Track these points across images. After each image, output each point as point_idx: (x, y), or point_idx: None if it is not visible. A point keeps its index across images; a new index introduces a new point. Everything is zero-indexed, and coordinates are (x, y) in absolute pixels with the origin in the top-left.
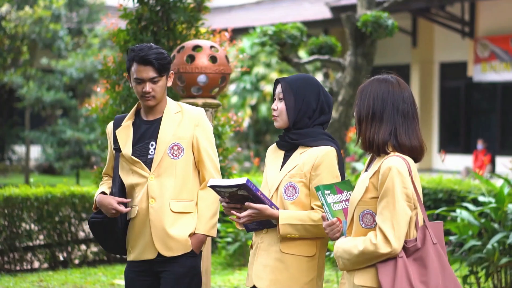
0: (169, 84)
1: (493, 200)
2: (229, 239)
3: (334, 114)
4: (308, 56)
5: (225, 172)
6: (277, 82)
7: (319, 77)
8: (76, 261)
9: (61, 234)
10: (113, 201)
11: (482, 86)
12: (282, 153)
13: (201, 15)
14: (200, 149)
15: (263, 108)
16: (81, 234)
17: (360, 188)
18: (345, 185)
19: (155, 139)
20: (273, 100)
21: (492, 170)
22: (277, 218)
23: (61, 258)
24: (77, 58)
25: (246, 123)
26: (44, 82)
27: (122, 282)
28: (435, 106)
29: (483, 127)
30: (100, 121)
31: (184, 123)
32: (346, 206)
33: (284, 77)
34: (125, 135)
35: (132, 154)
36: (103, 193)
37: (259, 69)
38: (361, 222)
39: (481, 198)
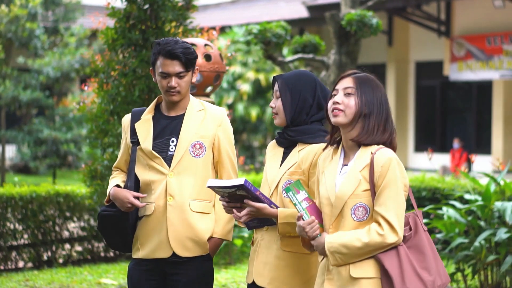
0: (194, 80)
1: (479, 198)
2: None
3: None
4: (291, 55)
5: None
6: (274, 79)
7: None
8: (61, 260)
9: (46, 233)
10: (129, 195)
11: (458, 85)
12: (281, 150)
13: (189, 13)
14: (221, 149)
15: (240, 107)
16: (66, 233)
17: (351, 182)
18: (299, 184)
19: (176, 135)
20: (272, 98)
21: (469, 169)
22: (276, 217)
23: (46, 258)
24: (54, 57)
25: None
26: (21, 81)
27: (109, 281)
28: (411, 105)
29: (459, 126)
30: (88, 120)
31: (207, 122)
32: (308, 205)
33: (281, 74)
34: (145, 129)
35: (152, 149)
36: (118, 186)
37: (236, 68)
38: (353, 216)
39: (467, 196)
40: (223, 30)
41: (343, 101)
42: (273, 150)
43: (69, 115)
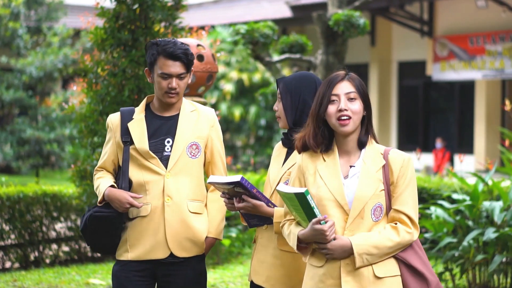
0: (189, 81)
1: (467, 197)
2: None
3: None
4: (277, 55)
5: None
6: (277, 82)
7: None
8: (48, 261)
9: (33, 234)
10: (128, 195)
11: (440, 85)
12: (285, 150)
13: (179, 13)
14: (214, 150)
15: (223, 107)
16: (53, 234)
17: (371, 183)
18: None
19: (171, 136)
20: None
21: (451, 168)
22: (272, 216)
23: (33, 258)
24: (37, 56)
25: None
26: (3, 81)
27: (97, 281)
28: (393, 105)
29: (441, 126)
30: (77, 120)
31: (200, 122)
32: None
33: (282, 77)
34: (139, 129)
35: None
36: (112, 186)
37: (219, 68)
38: (373, 216)
39: (455, 196)
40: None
41: (349, 107)
42: (278, 150)
43: (52, 115)
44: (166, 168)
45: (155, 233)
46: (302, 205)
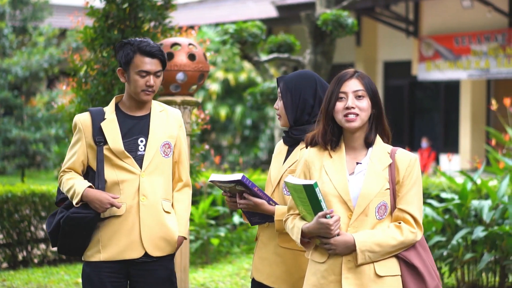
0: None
1: (456, 196)
2: (191, 237)
3: None
4: (265, 54)
5: (193, 170)
6: (277, 81)
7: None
8: (36, 260)
9: (21, 233)
10: (109, 196)
11: (425, 85)
12: (286, 148)
13: (168, 12)
14: (181, 150)
15: (209, 107)
16: (41, 233)
17: (376, 181)
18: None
19: (145, 135)
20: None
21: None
22: (273, 214)
23: (21, 258)
24: (22, 56)
25: None
26: None
27: None
28: None
29: (426, 126)
30: (66, 120)
31: (170, 122)
32: None
33: (283, 76)
34: (113, 129)
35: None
36: (90, 187)
37: None
38: (377, 214)
39: (443, 195)
40: (181, 29)
41: (357, 105)
42: (279, 149)
43: (38, 115)
44: (140, 167)
45: (130, 233)
46: (309, 197)
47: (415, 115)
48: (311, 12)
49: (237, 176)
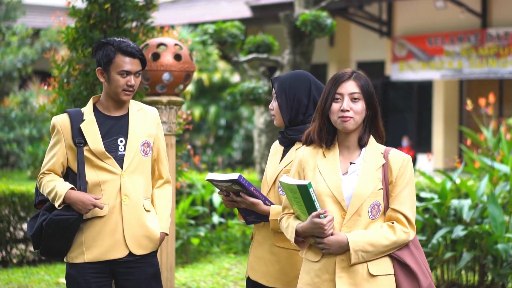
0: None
1: (435, 196)
2: None
3: None
4: (244, 54)
5: (175, 170)
6: (272, 82)
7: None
8: (15, 261)
9: (0, 234)
10: (91, 197)
11: (398, 85)
12: (282, 148)
13: (150, 12)
14: (160, 148)
15: (183, 107)
16: (20, 234)
17: (370, 181)
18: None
19: (124, 135)
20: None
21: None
22: (268, 213)
23: (0, 258)
24: None
25: None
26: None
27: None
28: None
29: (399, 125)
30: (48, 120)
31: (148, 121)
32: None
33: (277, 77)
34: (92, 130)
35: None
36: (72, 189)
37: None
38: (370, 214)
39: (422, 194)
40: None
41: (352, 107)
42: (275, 149)
43: (11, 115)
44: (121, 167)
45: (113, 233)
46: (303, 197)
47: (388, 115)
48: (290, 12)
49: (234, 175)
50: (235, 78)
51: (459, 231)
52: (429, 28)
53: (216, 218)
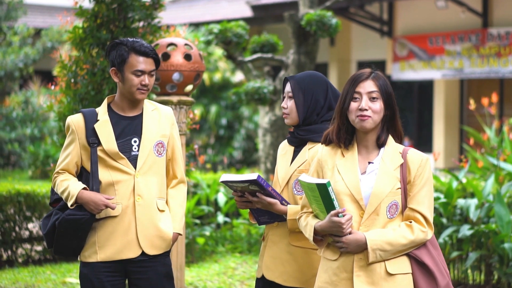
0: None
1: (441, 195)
2: None
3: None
4: (249, 54)
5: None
6: (286, 80)
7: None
8: (20, 260)
9: (6, 233)
10: (103, 197)
11: (399, 85)
12: (292, 148)
13: (157, 12)
14: (175, 147)
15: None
16: (26, 233)
17: (388, 181)
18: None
19: (138, 135)
20: (282, 98)
21: None
22: (286, 213)
23: (6, 257)
24: None
25: None
26: None
27: (74, 280)
28: None
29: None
30: (56, 120)
31: (162, 121)
32: None
33: (292, 76)
34: (106, 130)
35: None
36: (85, 189)
37: None
38: (388, 213)
39: None
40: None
41: (370, 106)
42: (284, 149)
43: (13, 115)
44: (135, 167)
45: (126, 233)
46: (322, 196)
47: None
48: (294, 12)
49: (252, 175)
50: (236, 77)
51: (465, 231)
52: (430, 28)
53: (221, 218)
